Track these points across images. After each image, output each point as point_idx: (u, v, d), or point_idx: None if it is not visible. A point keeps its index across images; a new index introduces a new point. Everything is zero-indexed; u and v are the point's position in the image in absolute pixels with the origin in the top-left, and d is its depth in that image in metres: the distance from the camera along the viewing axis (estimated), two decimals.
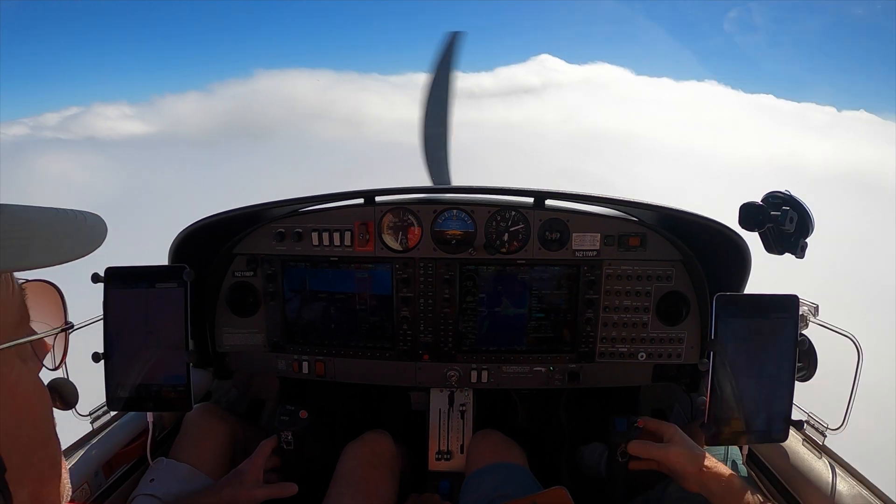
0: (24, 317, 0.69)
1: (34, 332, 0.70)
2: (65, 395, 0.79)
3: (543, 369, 2.15)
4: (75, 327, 0.88)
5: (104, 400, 1.62)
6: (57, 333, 0.76)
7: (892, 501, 1.31)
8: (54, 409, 0.74)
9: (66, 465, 0.74)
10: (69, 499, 0.74)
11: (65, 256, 0.68)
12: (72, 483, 0.77)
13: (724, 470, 1.40)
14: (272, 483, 1.63)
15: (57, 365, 0.78)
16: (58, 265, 0.69)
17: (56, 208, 0.75)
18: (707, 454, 1.44)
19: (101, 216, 0.80)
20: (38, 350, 0.72)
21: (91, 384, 1.58)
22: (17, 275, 0.70)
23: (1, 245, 0.61)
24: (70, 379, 0.83)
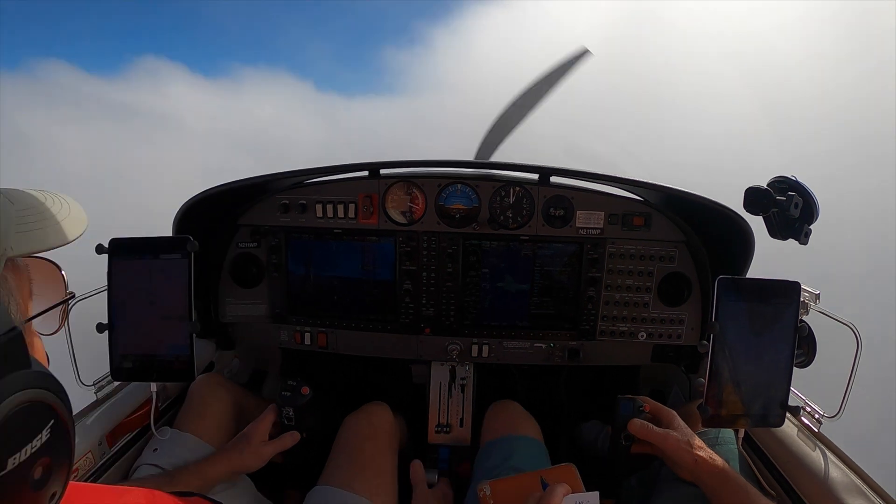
0: (30, 292, 0.80)
1: (40, 306, 0.82)
2: None
3: (544, 346, 2.16)
4: (77, 298, 0.99)
5: (108, 370, 1.64)
6: (65, 303, 0.92)
7: (883, 490, 1.32)
8: None
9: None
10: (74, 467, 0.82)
11: (66, 238, 0.81)
12: (76, 452, 0.88)
13: (719, 462, 1.40)
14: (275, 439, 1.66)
15: (56, 330, 0.91)
16: (64, 245, 0.82)
17: (40, 193, 0.85)
18: (703, 445, 1.45)
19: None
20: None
21: (95, 354, 1.61)
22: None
23: (27, 229, 0.74)
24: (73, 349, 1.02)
